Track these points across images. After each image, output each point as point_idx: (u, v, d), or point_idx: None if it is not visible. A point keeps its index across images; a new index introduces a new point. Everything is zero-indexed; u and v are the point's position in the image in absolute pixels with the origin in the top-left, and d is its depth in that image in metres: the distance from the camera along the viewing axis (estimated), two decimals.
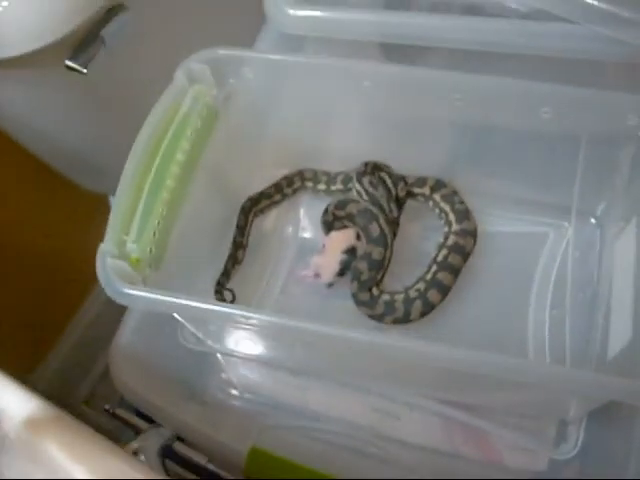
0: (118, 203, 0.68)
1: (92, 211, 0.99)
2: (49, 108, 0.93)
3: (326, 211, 0.81)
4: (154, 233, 0.69)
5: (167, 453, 0.83)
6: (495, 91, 0.73)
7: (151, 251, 0.68)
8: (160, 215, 0.69)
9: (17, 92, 0.90)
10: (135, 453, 0.83)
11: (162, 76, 0.75)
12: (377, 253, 0.76)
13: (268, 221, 0.88)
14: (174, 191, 0.71)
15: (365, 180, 0.79)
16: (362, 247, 0.78)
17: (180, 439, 0.80)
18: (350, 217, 0.79)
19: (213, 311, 0.63)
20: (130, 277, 0.67)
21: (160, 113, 0.73)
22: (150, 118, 0.72)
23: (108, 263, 0.65)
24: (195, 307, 0.63)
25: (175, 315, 0.71)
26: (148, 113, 0.72)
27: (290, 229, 0.87)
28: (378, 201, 0.79)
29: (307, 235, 0.86)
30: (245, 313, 0.61)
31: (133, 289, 0.64)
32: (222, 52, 0.76)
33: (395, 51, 0.82)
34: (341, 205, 0.80)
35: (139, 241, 0.67)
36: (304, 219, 0.88)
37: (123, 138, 0.71)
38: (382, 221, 0.77)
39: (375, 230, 0.77)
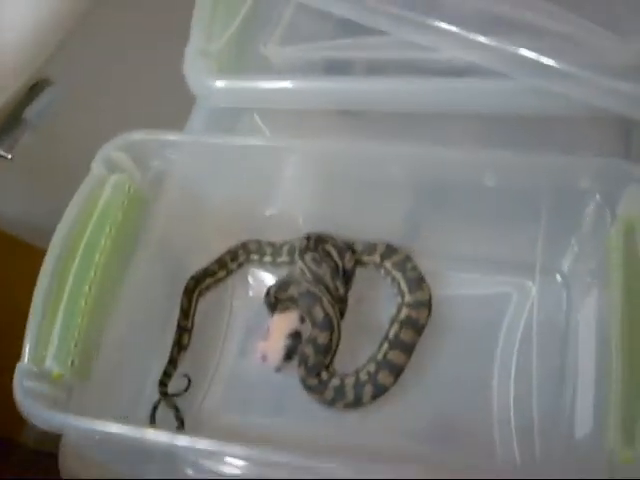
0: (34, 317, 0.65)
1: None
2: None
3: (268, 293, 0.77)
4: (75, 344, 0.65)
5: None
6: (438, 160, 0.69)
7: (73, 363, 0.64)
8: (80, 325, 0.65)
9: None
10: None
11: (94, 150, 0.72)
12: (322, 337, 0.71)
13: (213, 298, 0.83)
14: (96, 296, 0.67)
15: (308, 257, 0.75)
16: (307, 330, 0.73)
17: None
18: (292, 300, 0.74)
19: (139, 440, 0.59)
20: (52, 396, 0.63)
21: (77, 209, 0.69)
22: (66, 216, 0.69)
23: (26, 386, 0.62)
24: (118, 434, 0.59)
25: None
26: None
27: (237, 306, 0.82)
28: (322, 279, 0.74)
29: (255, 310, 0.81)
30: (169, 441, 0.58)
31: (53, 415, 0.60)
32: (139, 137, 0.72)
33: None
34: (283, 287, 0.75)
35: (58, 356, 0.64)
36: (251, 294, 0.83)
37: (61, 201, 0.69)
38: (326, 303, 0.72)
39: (319, 314, 0.72)
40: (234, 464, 0.73)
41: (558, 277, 0.76)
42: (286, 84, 0.72)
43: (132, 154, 0.72)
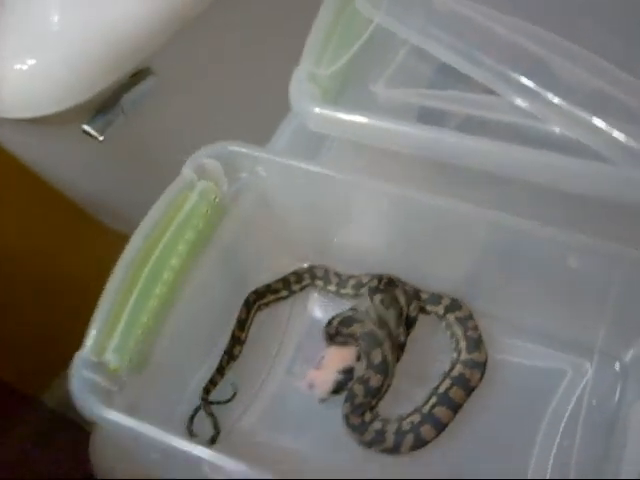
0: (102, 308, 0.65)
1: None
2: (66, 164, 0.90)
3: (330, 323, 0.77)
4: (135, 343, 0.66)
5: None
6: (520, 231, 0.69)
7: (131, 360, 0.65)
8: (145, 324, 0.66)
9: (34, 146, 0.87)
10: None
11: (180, 148, 0.72)
12: (375, 380, 0.71)
13: (271, 316, 0.83)
14: (164, 298, 0.68)
15: (377, 298, 0.75)
16: (361, 369, 0.73)
17: None
18: (353, 337, 0.74)
19: (181, 451, 0.59)
20: (106, 388, 0.64)
21: (162, 209, 0.69)
22: (151, 214, 0.69)
23: (83, 375, 0.63)
24: (162, 442, 0.59)
25: None
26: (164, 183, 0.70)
27: (292, 327, 0.83)
28: (387, 323, 0.74)
29: (309, 336, 0.81)
30: (206, 457, 0.58)
31: (104, 411, 0.61)
32: (233, 149, 0.72)
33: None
34: (346, 322, 0.76)
35: (120, 351, 0.65)
36: (308, 319, 0.83)
37: (141, 191, 0.70)
38: (386, 348, 0.72)
39: (377, 357, 0.72)
40: None
41: (617, 365, 0.75)
42: (379, 122, 0.71)
43: (223, 164, 0.72)
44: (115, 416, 0.61)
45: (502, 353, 0.77)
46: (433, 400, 0.72)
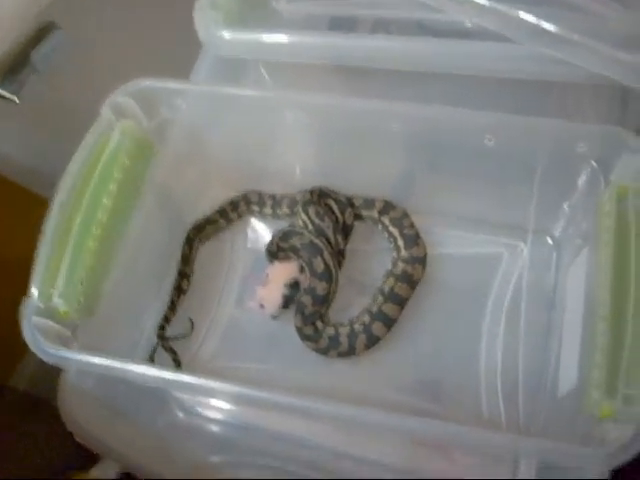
0: (41, 255, 0.66)
1: None
2: None
3: (271, 241, 0.78)
4: (81, 283, 0.67)
5: None
6: (438, 120, 0.70)
7: (80, 302, 0.66)
8: (87, 265, 0.67)
9: None
10: None
11: (98, 100, 0.72)
12: (321, 288, 0.74)
13: (213, 248, 0.85)
14: (102, 238, 0.68)
15: (311, 210, 0.76)
16: (306, 280, 0.75)
17: None
18: (294, 250, 0.76)
19: (141, 375, 0.61)
20: (58, 332, 0.65)
21: (85, 153, 0.70)
22: (75, 159, 0.69)
23: (33, 321, 0.63)
24: (120, 369, 0.61)
25: None
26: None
27: (235, 256, 0.84)
28: (324, 232, 0.76)
29: (253, 261, 0.83)
30: (169, 377, 0.60)
31: (59, 350, 0.62)
32: (149, 84, 0.72)
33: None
34: (285, 237, 0.77)
35: (66, 294, 0.65)
36: (249, 245, 0.85)
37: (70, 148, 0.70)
38: (327, 255, 0.74)
39: (319, 265, 0.74)
40: (224, 407, 0.77)
41: (549, 240, 0.78)
42: (291, 38, 0.72)
43: (140, 101, 0.72)
44: (73, 354, 0.63)
45: (439, 246, 0.80)
46: (380, 299, 0.75)
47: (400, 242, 0.77)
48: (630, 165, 0.64)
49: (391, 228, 0.78)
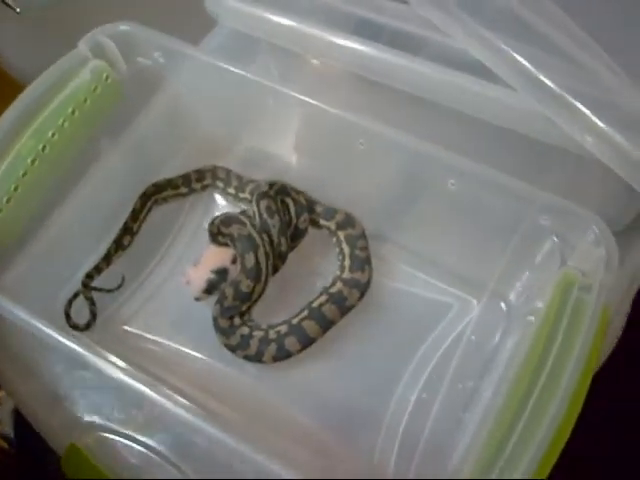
0: None
1: None
2: None
3: (212, 222, 0.75)
4: (8, 200, 0.65)
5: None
6: (416, 153, 0.67)
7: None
8: (12, 192, 0.65)
9: None
10: None
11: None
12: (245, 285, 0.70)
13: (166, 213, 0.82)
14: (37, 171, 0.67)
15: (263, 203, 0.73)
16: (236, 272, 0.72)
17: None
18: (231, 238, 0.73)
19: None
20: None
21: (48, 80, 0.69)
22: (36, 83, 0.68)
23: None
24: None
25: None
26: None
27: (186, 227, 0.81)
28: (269, 230, 0.72)
29: (201, 238, 0.79)
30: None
31: None
32: (133, 29, 0.70)
33: None
34: (227, 222, 0.74)
35: None
36: (204, 220, 0.81)
37: None
38: (261, 254, 0.70)
39: (250, 261, 0.70)
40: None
41: (503, 305, 0.72)
42: (309, 28, 0.70)
43: (121, 45, 0.70)
44: None
45: (391, 278, 0.75)
46: (304, 313, 0.71)
47: (347, 262, 0.73)
48: (588, 255, 0.59)
49: (343, 245, 0.74)
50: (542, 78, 0.59)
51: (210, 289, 0.71)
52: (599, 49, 0.61)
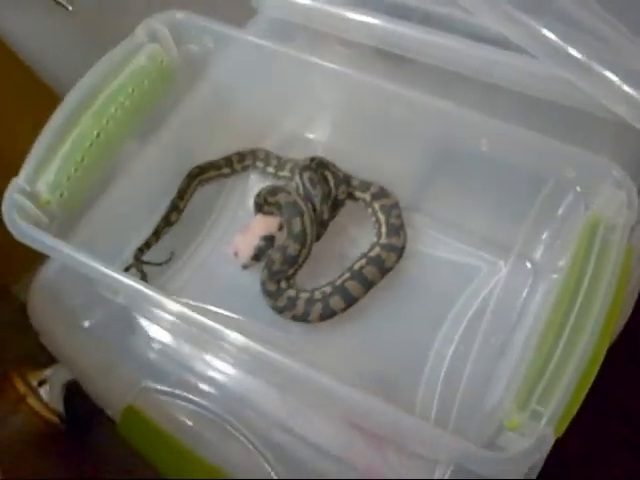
0: (40, 142, 0.70)
1: None
2: (37, 33, 0.95)
3: (259, 193, 0.81)
4: (69, 178, 0.70)
5: (73, 389, 0.86)
6: (447, 116, 0.72)
7: (62, 195, 0.70)
8: (79, 163, 0.70)
9: (6, 12, 0.92)
10: (42, 382, 0.86)
11: None
12: (293, 248, 0.75)
13: (210, 192, 0.87)
14: (102, 144, 0.72)
15: (305, 175, 0.79)
16: (281, 239, 0.77)
17: None
18: (278, 206, 0.78)
19: (103, 274, 0.64)
20: (36, 216, 0.69)
21: (108, 63, 0.74)
22: (97, 66, 0.74)
23: (14, 199, 0.67)
24: (87, 265, 0.64)
25: None
26: None
27: (230, 205, 0.87)
28: (312, 199, 0.78)
29: (245, 214, 0.85)
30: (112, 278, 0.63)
31: (31, 229, 0.66)
32: (185, 17, 0.76)
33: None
34: (273, 192, 0.80)
35: (51, 183, 0.69)
36: (246, 198, 0.87)
37: None
38: (306, 218, 0.76)
39: (297, 225, 0.76)
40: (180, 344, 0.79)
41: (528, 264, 0.78)
42: (343, 11, 0.76)
43: (174, 31, 0.76)
44: (43, 235, 0.66)
45: (422, 244, 0.81)
46: (346, 275, 0.76)
47: (383, 229, 0.79)
48: (611, 199, 0.64)
49: (379, 214, 0.80)
50: (567, 48, 0.65)
51: (259, 255, 0.77)
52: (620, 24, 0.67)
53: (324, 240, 0.80)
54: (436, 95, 0.72)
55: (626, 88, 0.63)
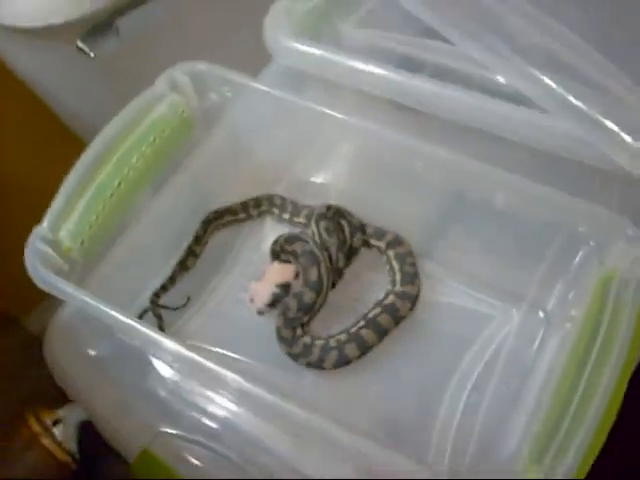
0: (63, 190, 0.71)
1: None
2: (59, 79, 0.97)
3: (276, 241, 0.82)
4: (90, 226, 0.71)
5: (86, 429, 0.87)
6: (462, 170, 0.74)
7: (82, 243, 0.71)
8: (100, 211, 0.72)
9: (32, 59, 0.94)
10: (56, 422, 0.87)
11: None
12: (309, 297, 0.76)
13: (227, 237, 0.89)
14: (121, 194, 0.73)
15: (322, 224, 0.80)
16: (297, 286, 0.78)
17: None
18: (294, 254, 0.80)
19: (128, 325, 0.66)
20: (57, 264, 0.70)
21: (131, 113, 0.75)
22: (120, 115, 0.75)
23: (37, 247, 0.69)
24: (104, 312, 0.66)
25: None
26: None
27: (245, 250, 0.88)
28: (328, 248, 0.79)
29: (260, 260, 0.86)
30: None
31: (52, 277, 0.67)
32: (205, 67, 0.78)
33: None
34: (290, 240, 0.81)
35: (73, 231, 0.71)
36: (261, 243, 0.88)
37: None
38: (322, 268, 0.77)
39: (313, 274, 0.77)
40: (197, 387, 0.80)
41: (541, 313, 0.79)
42: (357, 63, 0.76)
43: (194, 81, 0.78)
44: (63, 284, 0.67)
45: (435, 292, 0.81)
46: (361, 323, 0.77)
47: (398, 277, 0.80)
48: (624, 255, 0.66)
49: (393, 262, 0.81)
50: (577, 103, 0.67)
51: (274, 302, 0.78)
52: (622, 75, 0.69)
53: (339, 286, 0.81)
54: (451, 146, 0.74)
55: (625, 137, 0.64)
